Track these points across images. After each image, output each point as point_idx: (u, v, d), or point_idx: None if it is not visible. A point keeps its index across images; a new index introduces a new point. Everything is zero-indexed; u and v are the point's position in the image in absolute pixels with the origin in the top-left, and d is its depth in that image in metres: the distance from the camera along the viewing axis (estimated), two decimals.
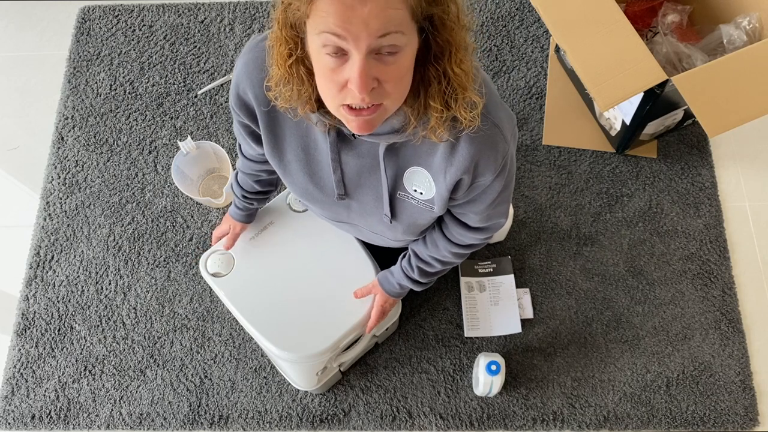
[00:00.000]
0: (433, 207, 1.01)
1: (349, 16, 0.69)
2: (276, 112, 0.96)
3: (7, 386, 1.63)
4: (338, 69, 0.74)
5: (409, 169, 0.97)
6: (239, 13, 2.03)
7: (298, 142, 0.99)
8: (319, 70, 0.77)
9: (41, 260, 1.74)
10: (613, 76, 1.42)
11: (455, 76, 0.79)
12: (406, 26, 0.72)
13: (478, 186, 0.97)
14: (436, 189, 0.97)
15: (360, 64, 0.72)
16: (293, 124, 0.97)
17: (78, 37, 2.01)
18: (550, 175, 1.81)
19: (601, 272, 1.71)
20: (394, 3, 0.70)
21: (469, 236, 1.11)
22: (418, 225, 1.10)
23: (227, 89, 1.92)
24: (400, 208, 1.04)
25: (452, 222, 1.11)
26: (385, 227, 1.11)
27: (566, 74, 1.92)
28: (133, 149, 1.86)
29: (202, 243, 1.75)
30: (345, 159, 0.98)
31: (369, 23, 0.69)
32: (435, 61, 0.78)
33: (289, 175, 1.05)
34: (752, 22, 1.60)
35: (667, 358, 1.63)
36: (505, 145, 0.92)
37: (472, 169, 0.92)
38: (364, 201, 1.05)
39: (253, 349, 1.64)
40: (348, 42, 0.71)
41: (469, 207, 1.04)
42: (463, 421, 1.58)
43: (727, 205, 1.78)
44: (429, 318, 1.66)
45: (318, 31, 0.72)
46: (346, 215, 1.13)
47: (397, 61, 0.74)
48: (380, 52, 0.73)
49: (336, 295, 1.27)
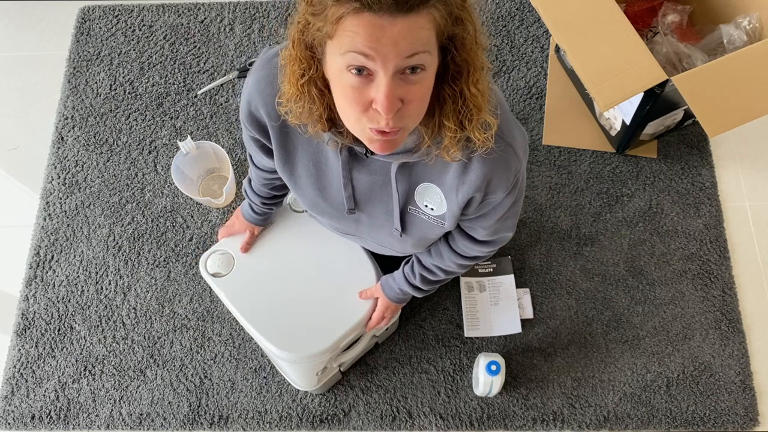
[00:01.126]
0: (444, 223, 1.01)
1: (378, 35, 0.68)
2: (288, 127, 0.95)
3: (7, 386, 1.63)
4: (362, 89, 0.73)
5: (421, 185, 0.96)
6: (239, 13, 2.03)
7: (309, 157, 0.98)
8: (341, 90, 0.75)
9: (41, 260, 1.74)
10: (613, 76, 1.42)
11: (471, 96, 0.79)
12: (432, 46, 0.72)
13: (489, 203, 0.97)
14: (447, 206, 0.97)
15: (387, 85, 0.71)
16: (305, 140, 0.96)
17: (78, 37, 2.01)
18: (550, 175, 1.80)
19: (601, 272, 1.71)
20: (422, 23, 0.69)
21: (475, 249, 1.11)
22: (428, 239, 1.10)
23: (227, 89, 1.92)
24: (411, 223, 1.04)
25: (459, 235, 1.11)
26: (394, 240, 1.10)
27: (566, 74, 1.92)
28: (133, 149, 1.86)
29: (202, 243, 1.75)
30: (356, 176, 0.97)
31: (398, 43, 0.68)
32: (452, 81, 0.78)
33: (299, 189, 1.05)
34: (752, 22, 1.60)
35: (667, 358, 1.63)
36: (517, 164, 0.92)
37: (484, 187, 0.92)
38: (375, 215, 1.04)
39: (253, 349, 1.64)
40: (376, 62, 0.70)
41: (478, 222, 1.04)
42: (463, 421, 1.58)
43: (727, 205, 1.78)
44: (429, 318, 1.66)
45: (343, 51, 0.70)
46: (355, 228, 1.13)
47: (421, 81, 0.73)
48: (405, 71, 0.72)
49: (336, 295, 1.27)
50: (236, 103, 1.90)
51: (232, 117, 1.89)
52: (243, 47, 1.98)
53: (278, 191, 1.28)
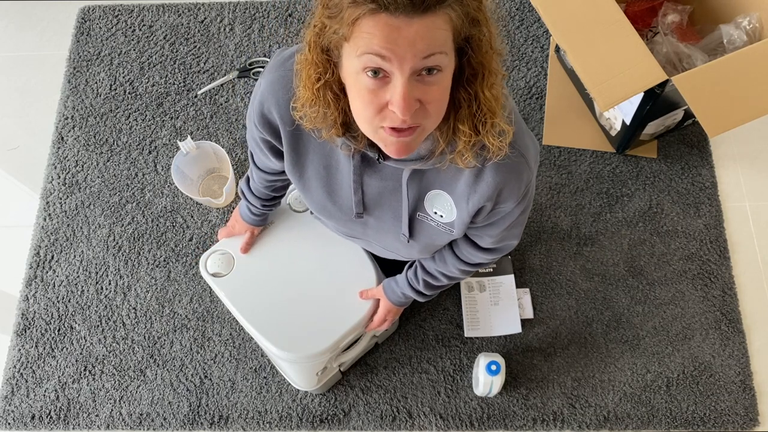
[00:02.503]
0: (453, 230, 1.01)
1: (395, 37, 0.68)
2: (300, 130, 0.94)
3: (7, 386, 1.63)
4: (378, 91, 0.73)
5: (431, 192, 0.96)
6: (239, 13, 2.03)
7: (320, 161, 0.98)
8: (357, 92, 0.75)
9: (41, 260, 1.74)
10: (613, 76, 1.42)
11: (486, 100, 0.78)
12: (448, 47, 0.72)
13: (498, 212, 0.97)
14: (457, 213, 0.97)
15: (403, 86, 0.71)
16: (317, 143, 0.96)
17: (78, 37, 2.01)
18: (550, 175, 1.80)
19: (601, 272, 1.71)
20: (439, 23, 0.69)
21: (479, 256, 1.11)
22: (435, 245, 1.10)
23: (227, 89, 1.92)
24: (419, 229, 1.03)
25: (464, 242, 1.11)
26: (400, 245, 1.10)
27: (566, 74, 1.92)
28: (133, 149, 1.86)
29: (202, 243, 1.75)
30: (367, 181, 0.97)
31: (415, 44, 0.68)
32: (467, 84, 0.78)
33: (308, 191, 1.04)
34: (752, 22, 1.60)
35: (667, 358, 1.63)
36: (529, 174, 0.92)
37: (495, 197, 0.92)
38: (383, 219, 1.04)
39: (253, 349, 1.64)
40: (392, 63, 0.70)
41: (486, 230, 1.04)
42: (463, 421, 1.58)
43: (727, 205, 1.78)
44: (429, 318, 1.66)
45: (360, 53, 0.70)
46: (362, 232, 1.12)
47: (438, 82, 0.73)
48: (421, 73, 0.72)
49: (336, 295, 1.27)
50: (236, 103, 1.90)
51: (232, 117, 1.89)
52: (243, 47, 1.98)
53: (278, 192, 1.28)
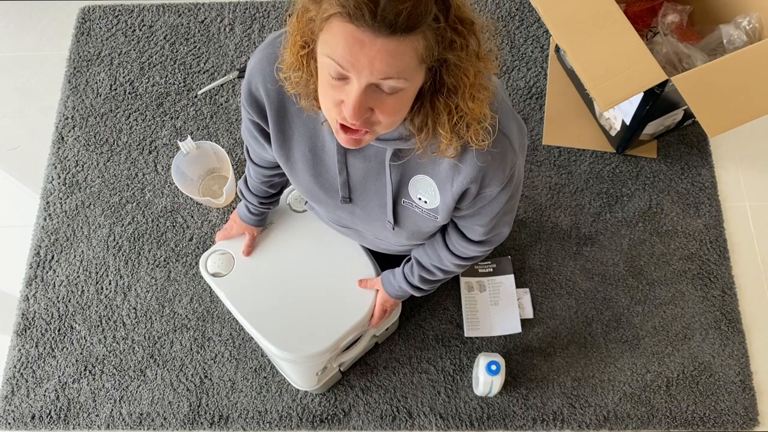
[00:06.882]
0: (437, 216, 1.01)
1: (356, 50, 0.69)
2: (286, 111, 0.96)
3: (7, 386, 1.63)
4: (338, 87, 0.75)
5: (415, 177, 0.96)
6: (239, 13, 2.03)
7: (306, 143, 0.99)
8: (321, 80, 0.77)
9: (41, 260, 1.74)
10: (613, 76, 1.42)
11: (469, 110, 0.79)
12: (410, 72, 0.72)
13: (484, 197, 0.96)
14: (441, 198, 0.97)
15: (356, 95, 0.72)
16: (303, 125, 0.97)
17: (78, 37, 2.01)
18: (550, 175, 1.81)
19: (601, 272, 1.71)
20: (403, 50, 0.69)
21: (471, 249, 1.11)
22: (422, 232, 1.10)
23: (227, 89, 1.92)
24: (404, 216, 1.04)
25: (455, 235, 1.11)
26: (389, 233, 1.11)
27: (566, 74, 1.92)
28: (133, 149, 1.86)
29: (202, 243, 1.75)
30: (351, 161, 0.97)
31: (374, 63, 0.69)
32: (447, 96, 0.78)
33: (295, 174, 1.05)
34: (752, 22, 1.61)
35: (667, 358, 1.63)
36: (513, 157, 0.91)
37: (479, 180, 0.91)
38: (368, 207, 1.05)
39: (253, 349, 1.64)
40: (350, 72, 0.71)
41: (475, 220, 1.03)
42: (463, 421, 1.58)
43: (727, 205, 1.78)
44: (429, 318, 1.66)
45: (325, 54, 0.72)
46: (350, 220, 1.13)
47: (396, 97, 0.74)
48: (380, 86, 0.73)
49: (336, 296, 1.27)
50: (236, 103, 1.90)
51: (232, 117, 1.89)
52: (243, 47, 1.98)
53: (274, 189, 1.28)
